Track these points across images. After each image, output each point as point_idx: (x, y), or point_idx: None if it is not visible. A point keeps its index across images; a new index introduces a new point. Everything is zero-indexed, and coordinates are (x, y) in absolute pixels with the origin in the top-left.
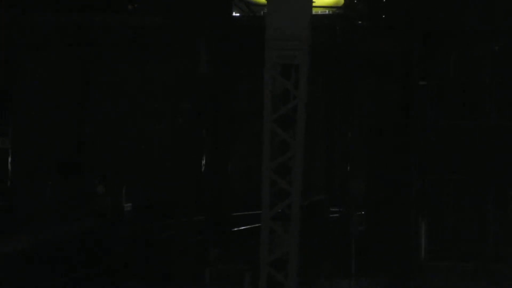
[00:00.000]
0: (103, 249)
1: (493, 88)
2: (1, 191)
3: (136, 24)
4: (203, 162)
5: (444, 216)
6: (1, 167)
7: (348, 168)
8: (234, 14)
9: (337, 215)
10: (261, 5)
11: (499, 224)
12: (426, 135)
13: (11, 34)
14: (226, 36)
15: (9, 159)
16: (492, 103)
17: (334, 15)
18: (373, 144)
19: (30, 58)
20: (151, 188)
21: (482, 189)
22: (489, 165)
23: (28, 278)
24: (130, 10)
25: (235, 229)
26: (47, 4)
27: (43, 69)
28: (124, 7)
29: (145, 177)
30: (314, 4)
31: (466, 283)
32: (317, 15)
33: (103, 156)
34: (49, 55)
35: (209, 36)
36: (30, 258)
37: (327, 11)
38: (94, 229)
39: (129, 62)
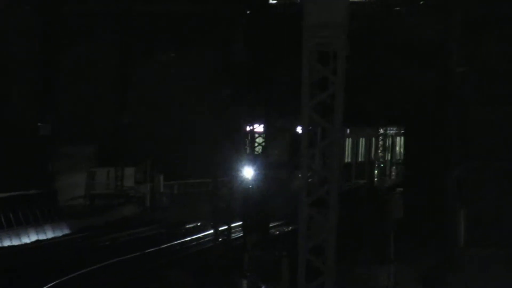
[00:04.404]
0: (142, 238)
1: None
2: (43, 177)
3: (175, 12)
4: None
5: (483, 203)
6: (44, 153)
7: (387, 155)
8: (270, 1)
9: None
10: None
11: None
12: (466, 122)
13: (51, 24)
14: (263, 23)
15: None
16: None
17: (372, 1)
18: (411, 131)
19: (69, 46)
20: (189, 174)
21: None
22: None
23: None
24: None
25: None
26: None
27: (82, 58)
28: None
29: (183, 165)
30: None
31: (504, 270)
32: (355, 2)
33: (143, 144)
34: (88, 43)
35: (246, 23)
36: (72, 243)
37: None
38: (135, 216)
39: (168, 49)
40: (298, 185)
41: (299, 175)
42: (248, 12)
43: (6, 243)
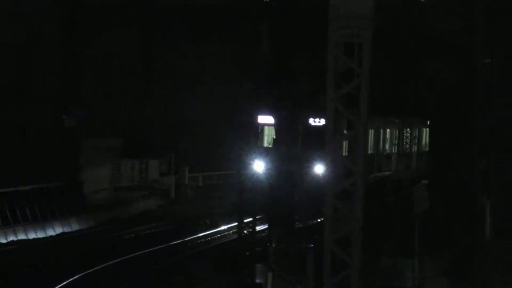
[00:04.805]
0: (167, 230)
1: None
2: (69, 170)
3: (198, 5)
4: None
5: (509, 194)
6: (69, 146)
7: (415, 147)
8: None
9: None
10: None
11: None
12: (491, 113)
13: (73, 17)
14: (288, 15)
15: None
16: None
17: None
18: (436, 123)
19: (91, 40)
20: (212, 167)
21: None
22: None
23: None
24: None
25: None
26: None
27: (104, 51)
28: None
29: (206, 157)
30: None
31: None
32: None
33: (166, 137)
34: (111, 36)
35: (271, 16)
36: (97, 236)
37: None
38: (159, 208)
39: (191, 42)
40: (311, 179)
41: (313, 169)
42: (272, 4)
43: (31, 235)
